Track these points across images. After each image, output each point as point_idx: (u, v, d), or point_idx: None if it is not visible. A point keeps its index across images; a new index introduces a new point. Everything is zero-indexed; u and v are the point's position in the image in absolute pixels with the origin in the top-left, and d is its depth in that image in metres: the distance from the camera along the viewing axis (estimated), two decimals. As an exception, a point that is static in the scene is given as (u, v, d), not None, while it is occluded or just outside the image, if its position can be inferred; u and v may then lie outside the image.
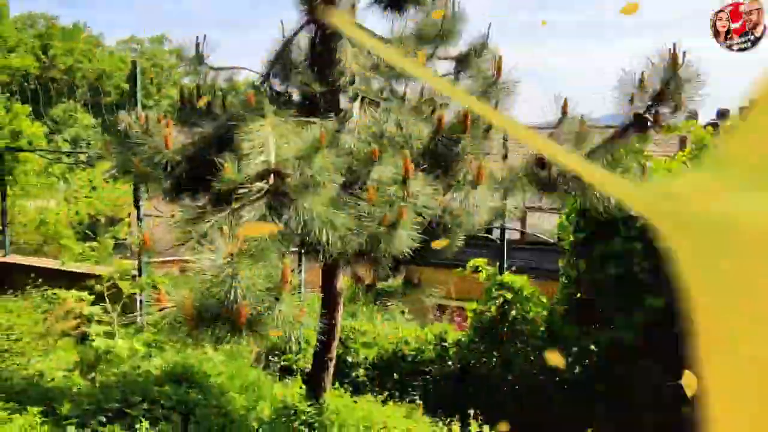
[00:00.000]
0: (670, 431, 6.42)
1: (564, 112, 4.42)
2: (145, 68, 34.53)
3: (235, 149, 3.94)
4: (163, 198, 5.34)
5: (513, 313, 7.12)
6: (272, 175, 3.51)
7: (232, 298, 2.62)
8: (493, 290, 7.32)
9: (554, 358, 5.81)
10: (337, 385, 7.52)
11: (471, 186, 3.97)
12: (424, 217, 3.74)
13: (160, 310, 2.81)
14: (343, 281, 5.55)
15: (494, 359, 7.18)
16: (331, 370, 6.04)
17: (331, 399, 6.36)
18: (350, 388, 7.50)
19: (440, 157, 4.34)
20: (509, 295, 7.14)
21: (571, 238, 7.04)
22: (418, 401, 6.92)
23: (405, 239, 3.49)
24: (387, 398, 7.18)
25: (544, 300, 7.29)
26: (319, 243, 3.37)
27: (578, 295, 6.95)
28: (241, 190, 3.54)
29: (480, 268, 7.56)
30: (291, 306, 2.81)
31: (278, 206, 3.45)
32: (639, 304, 6.45)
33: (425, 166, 4.09)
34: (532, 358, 7.00)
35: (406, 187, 3.52)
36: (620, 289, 6.56)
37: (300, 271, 7.34)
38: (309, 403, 5.87)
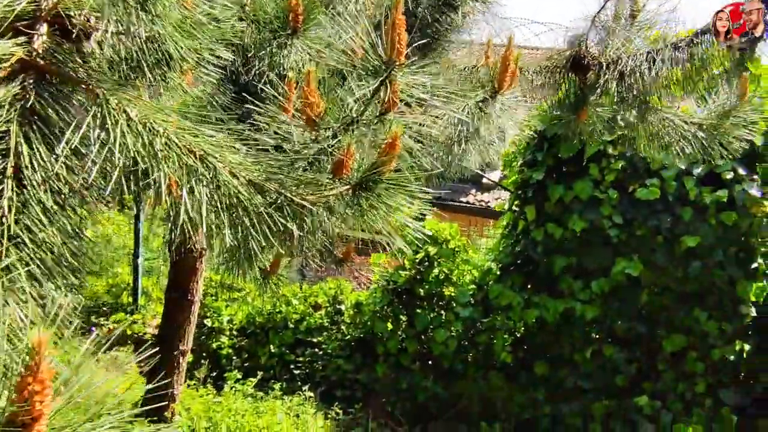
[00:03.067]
0: (619, 423, 5.15)
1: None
2: None
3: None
4: None
5: (435, 272, 5.37)
6: (44, 27, 1.26)
7: None
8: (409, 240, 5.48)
9: None
10: (191, 358, 5.43)
11: (489, 93, 1.98)
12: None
13: None
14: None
15: (405, 329, 5.45)
16: (184, 367, 3.96)
17: (185, 401, 4.33)
18: (210, 367, 5.49)
19: (419, 31, 2.27)
20: (432, 249, 5.34)
21: (518, 177, 5.32)
22: (308, 393, 5.04)
23: (384, 208, 1.48)
24: (262, 381, 5.25)
25: (476, 255, 5.60)
26: (174, 221, 1.26)
27: (521, 251, 5.31)
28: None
29: (393, 210, 5.66)
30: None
31: (46, 113, 1.23)
32: (603, 268, 4.95)
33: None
34: (457, 330, 5.35)
35: (393, 85, 1.45)
36: (582, 248, 5.00)
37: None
38: (148, 418, 3.78)
